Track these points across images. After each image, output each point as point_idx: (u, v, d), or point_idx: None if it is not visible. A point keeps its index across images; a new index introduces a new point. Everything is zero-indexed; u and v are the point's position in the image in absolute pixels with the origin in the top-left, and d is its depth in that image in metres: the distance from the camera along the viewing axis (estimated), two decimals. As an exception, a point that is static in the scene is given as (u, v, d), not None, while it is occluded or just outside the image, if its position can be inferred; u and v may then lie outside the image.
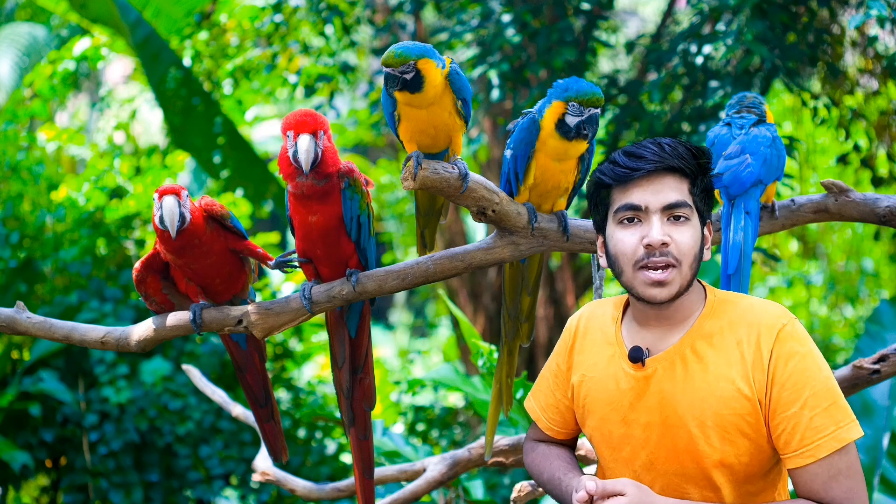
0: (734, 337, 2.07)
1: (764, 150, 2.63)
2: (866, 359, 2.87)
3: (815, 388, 2.02)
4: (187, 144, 6.42)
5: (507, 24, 4.67)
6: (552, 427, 2.33)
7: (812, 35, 4.52)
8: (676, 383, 2.08)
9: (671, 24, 5.52)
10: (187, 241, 2.57)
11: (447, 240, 6.42)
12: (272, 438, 2.97)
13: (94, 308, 5.39)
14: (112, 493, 5.30)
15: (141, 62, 6.38)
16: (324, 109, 5.64)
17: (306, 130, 2.45)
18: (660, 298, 2.06)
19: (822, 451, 2.00)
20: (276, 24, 5.82)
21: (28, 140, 6.06)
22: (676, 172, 2.09)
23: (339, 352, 2.79)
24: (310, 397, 5.87)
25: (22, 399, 5.33)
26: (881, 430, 4.29)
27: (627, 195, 2.09)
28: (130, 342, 2.69)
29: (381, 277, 2.60)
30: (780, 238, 7.90)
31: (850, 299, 7.64)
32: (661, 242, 2.05)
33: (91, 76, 8.39)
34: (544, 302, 6.25)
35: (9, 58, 6.67)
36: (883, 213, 2.63)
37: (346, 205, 2.56)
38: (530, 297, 2.82)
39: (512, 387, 2.92)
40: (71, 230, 5.73)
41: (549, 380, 2.33)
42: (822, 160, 7.32)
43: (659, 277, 2.05)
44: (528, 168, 2.56)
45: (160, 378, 5.37)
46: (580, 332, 2.27)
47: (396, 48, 2.37)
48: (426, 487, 3.38)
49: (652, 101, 4.57)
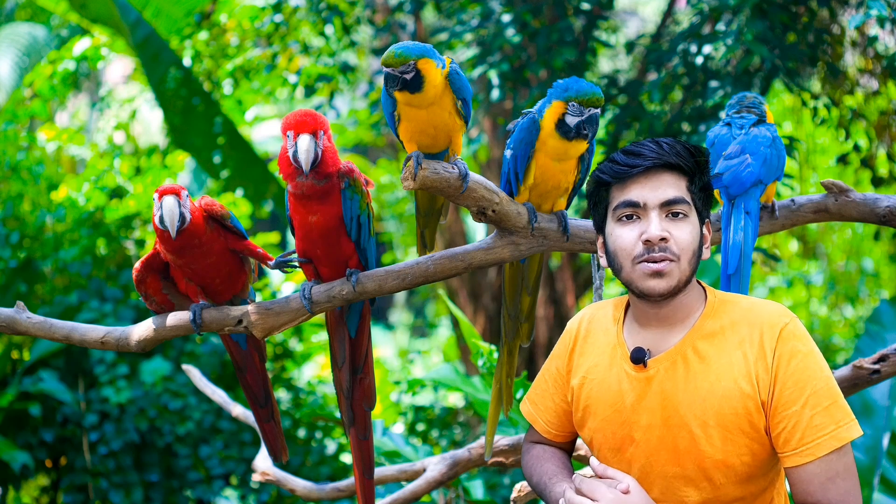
0: (736, 337, 2.07)
1: (764, 150, 2.63)
2: (866, 359, 2.87)
3: (816, 387, 2.02)
4: (187, 144, 6.42)
5: (507, 24, 4.67)
6: (549, 430, 2.33)
7: (812, 35, 4.52)
8: (678, 383, 2.08)
9: (671, 24, 5.51)
10: (187, 241, 2.57)
11: (447, 240, 6.42)
12: (272, 438, 2.97)
13: (94, 308, 5.39)
14: (112, 493, 5.30)
15: (141, 62, 6.38)
16: (324, 109, 5.64)
17: (306, 130, 2.45)
18: (658, 290, 2.07)
19: (822, 449, 2.01)
20: (276, 24, 5.82)
21: (28, 140, 6.06)
22: (674, 170, 2.11)
23: (339, 352, 2.78)
24: (310, 397, 5.87)
25: (22, 399, 5.32)
26: (881, 430, 4.29)
27: (626, 192, 2.11)
28: (130, 342, 2.69)
29: (381, 277, 2.60)
30: (780, 238, 7.89)
31: (850, 299, 7.64)
32: (660, 237, 2.06)
33: (91, 76, 8.39)
34: (544, 302, 6.25)
35: (9, 58, 6.67)
36: (883, 213, 2.63)
37: (346, 205, 2.56)
38: (530, 297, 2.82)
39: (512, 387, 2.92)
40: (71, 230, 5.72)
41: (546, 383, 2.33)
42: (822, 160, 7.32)
43: (657, 267, 2.06)
44: (528, 168, 2.56)
45: (160, 378, 5.37)
46: (580, 335, 2.27)
47: (396, 48, 2.37)
48: (426, 487, 3.38)
49: (652, 101, 4.57)
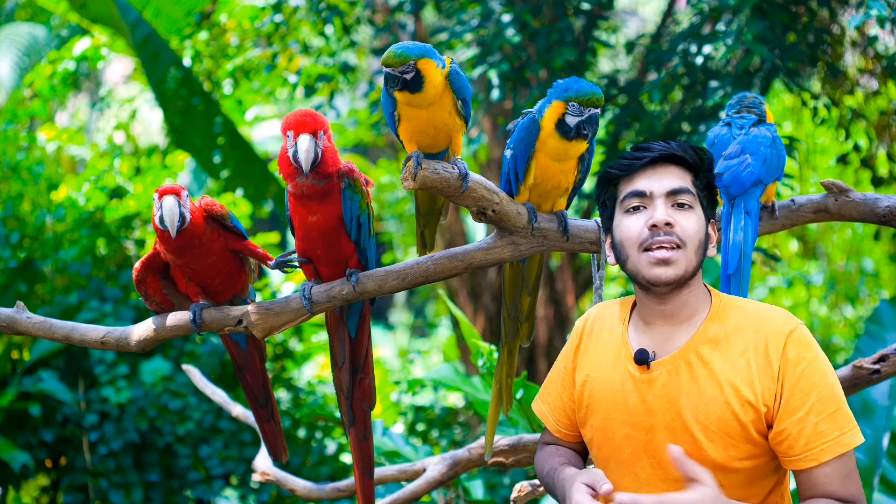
0: (741, 343, 2.07)
1: (764, 150, 2.63)
2: (866, 359, 2.87)
3: (821, 394, 2.03)
4: (187, 144, 6.42)
5: (507, 24, 4.67)
6: (560, 429, 2.33)
7: (812, 35, 4.52)
8: (681, 387, 2.08)
9: (671, 24, 5.51)
10: (187, 241, 2.57)
11: (447, 240, 6.42)
12: (272, 438, 2.97)
13: (94, 308, 5.39)
14: (112, 493, 5.30)
15: (141, 62, 6.38)
16: (324, 109, 5.64)
17: (306, 130, 2.45)
18: (665, 278, 2.07)
19: (825, 455, 2.02)
20: (276, 24, 5.82)
21: (28, 140, 6.06)
22: (680, 164, 2.14)
23: (339, 352, 2.78)
24: (310, 397, 5.87)
25: (22, 399, 5.32)
26: (881, 430, 4.28)
27: (633, 183, 2.14)
28: (130, 342, 2.69)
29: (381, 277, 2.60)
30: (780, 238, 7.89)
31: (850, 299, 7.64)
32: (665, 222, 2.08)
33: (91, 76, 8.39)
34: (544, 302, 6.25)
35: (9, 58, 6.67)
36: (883, 213, 2.63)
37: (346, 205, 2.56)
38: (530, 297, 2.82)
39: (512, 387, 2.92)
40: (71, 230, 5.72)
41: (556, 382, 2.33)
42: (822, 160, 7.32)
43: (664, 255, 2.07)
44: (528, 168, 2.56)
45: (160, 378, 5.37)
46: (586, 333, 2.28)
47: (396, 48, 2.37)
48: (426, 487, 3.37)
49: (652, 101, 4.57)
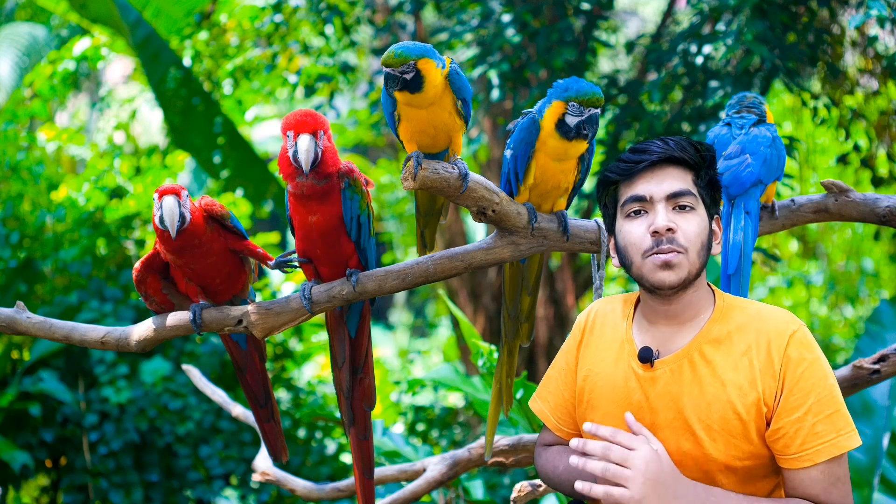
0: (743, 343, 2.08)
1: (764, 150, 2.63)
2: (866, 359, 2.88)
3: (820, 395, 2.04)
4: (187, 144, 6.42)
5: (507, 24, 4.67)
6: (562, 427, 2.31)
7: (812, 35, 4.52)
8: (684, 387, 2.09)
9: (671, 24, 5.51)
10: (187, 241, 2.57)
11: (447, 240, 6.42)
12: (272, 438, 2.97)
13: (94, 308, 5.39)
14: (112, 493, 5.29)
15: (141, 62, 6.38)
16: (324, 109, 5.64)
17: (306, 130, 2.45)
18: (668, 282, 2.07)
19: (821, 456, 2.02)
20: (276, 24, 5.82)
21: (28, 140, 6.06)
22: (680, 164, 2.13)
23: (339, 352, 2.78)
24: (310, 397, 5.87)
25: (22, 399, 5.32)
26: (881, 430, 4.28)
27: (632, 188, 2.13)
28: (130, 342, 2.69)
29: (381, 277, 2.60)
30: (780, 238, 7.89)
31: (850, 299, 7.64)
32: (667, 228, 2.07)
33: (91, 76, 8.39)
34: (544, 302, 6.25)
35: (9, 58, 6.67)
36: (883, 213, 2.63)
37: (346, 205, 2.56)
38: (530, 297, 2.82)
39: (512, 387, 2.92)
40: (71, 230, 5.72)
41: (556, 379, 2.32)
42: (822, 160, 7.32)
43: (667, 258, 2.06)
44: (528, 168, 2.56)
45: (160, 378, 5.37)
46: (588, 329, 2.28)
47: (396, 48, 2.37)
48: (426, 487, 3.37)
49: (652, 101, 4.57)
